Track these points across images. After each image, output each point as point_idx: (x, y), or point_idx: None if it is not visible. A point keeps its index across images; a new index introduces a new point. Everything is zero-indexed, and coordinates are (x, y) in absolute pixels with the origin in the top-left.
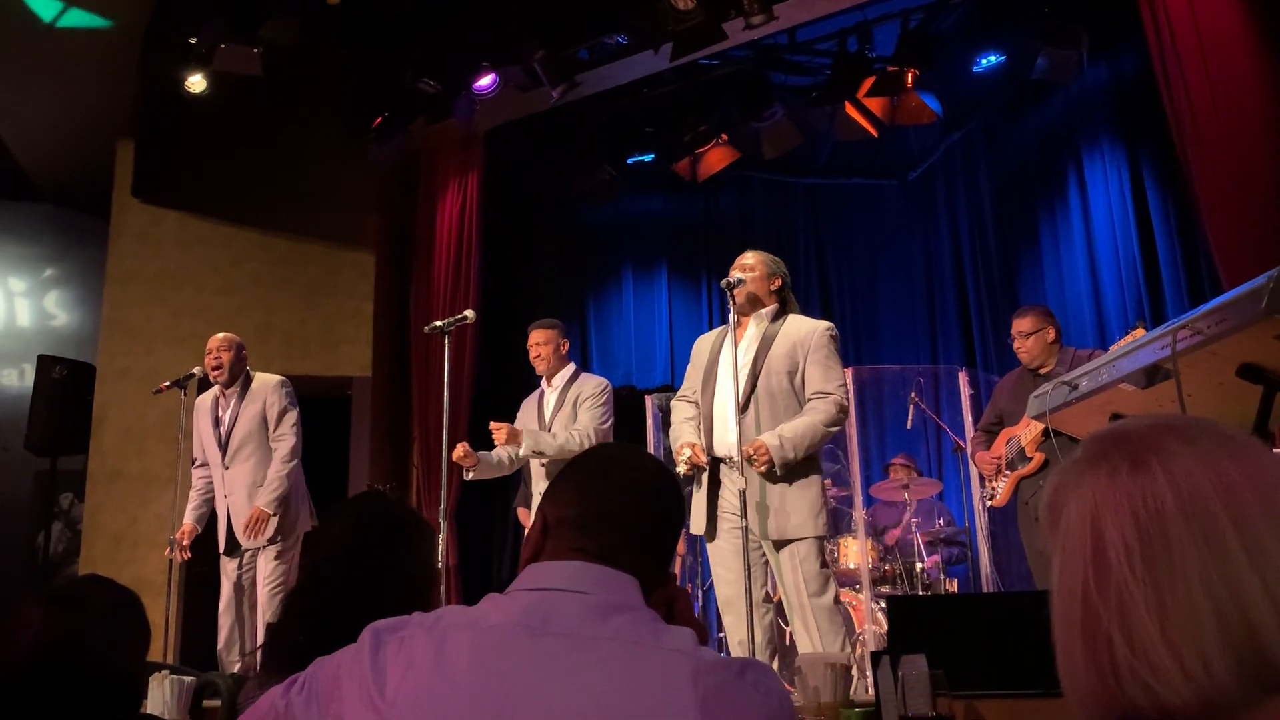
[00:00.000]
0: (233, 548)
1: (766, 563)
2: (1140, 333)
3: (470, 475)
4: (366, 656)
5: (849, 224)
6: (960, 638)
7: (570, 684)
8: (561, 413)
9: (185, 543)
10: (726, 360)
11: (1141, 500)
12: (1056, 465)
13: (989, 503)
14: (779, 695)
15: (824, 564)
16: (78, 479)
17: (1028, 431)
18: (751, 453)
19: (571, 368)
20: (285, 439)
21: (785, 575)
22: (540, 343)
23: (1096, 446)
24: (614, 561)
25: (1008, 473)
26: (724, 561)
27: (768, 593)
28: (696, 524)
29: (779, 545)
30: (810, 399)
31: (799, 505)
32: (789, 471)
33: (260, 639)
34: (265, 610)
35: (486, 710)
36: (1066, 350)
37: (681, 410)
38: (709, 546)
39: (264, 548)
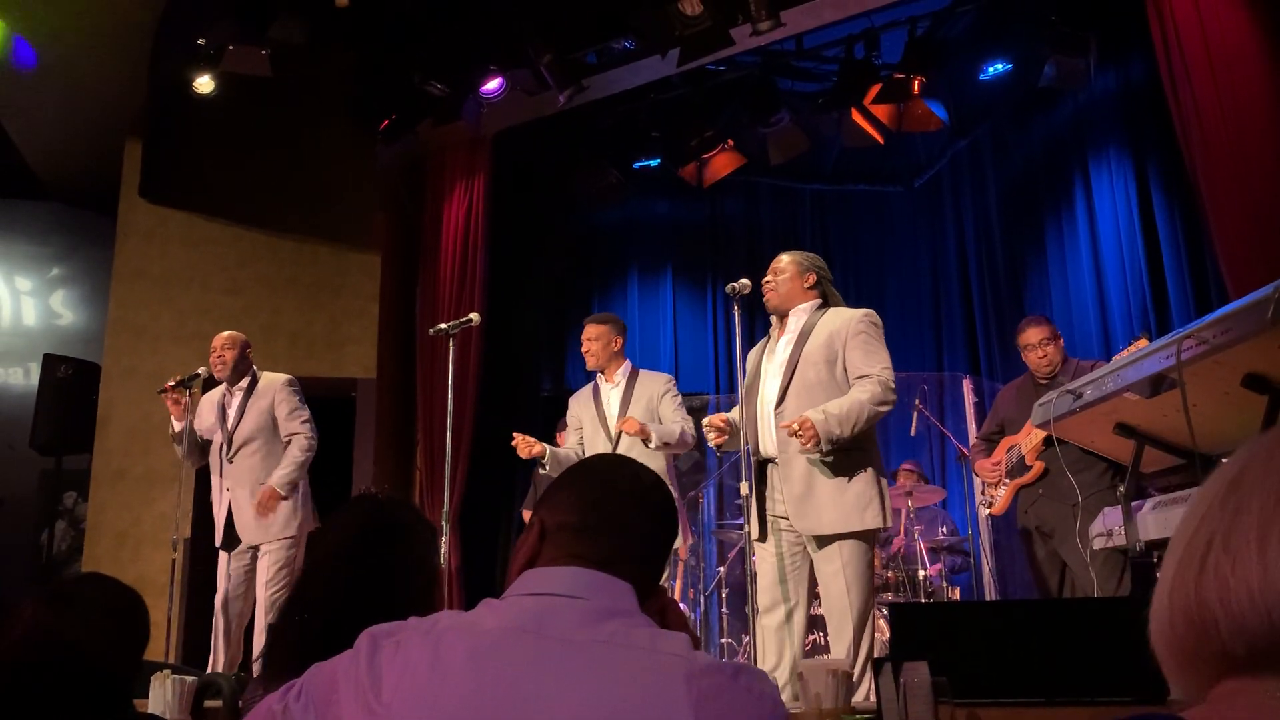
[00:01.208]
0: (231, 543)
1: (811, 567)
2: (1143, 344)
3: (544, 469)
4: (363, 661)
5: (855, 230)
6: (962, 645)
7: (565, 687)
8: (634, 409)
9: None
10: (767, 363)
11: None
12: (1058, 474)
13: (987, 510)
14: (772, 699)
15: (869, 564)
16: (82, 478)
17: (1028, 440)
18: (797, 428)
19: (628, 365)
20: (302, 432)
21: (827, 578)
22: (591, 337)
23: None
24: (612, 567)
25: (1008, 481)
26: (768, 563)
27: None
28: (752, 528)
29: (821, 543)
30: (854, 382)
31: (842, 499)
32: (833, 463)
33: (261, 640)
34: (267, 611)
35: (481, 713)
36: (1070, 360)
37: (733, 410)
38: (758, 548)
39: (265, 546)
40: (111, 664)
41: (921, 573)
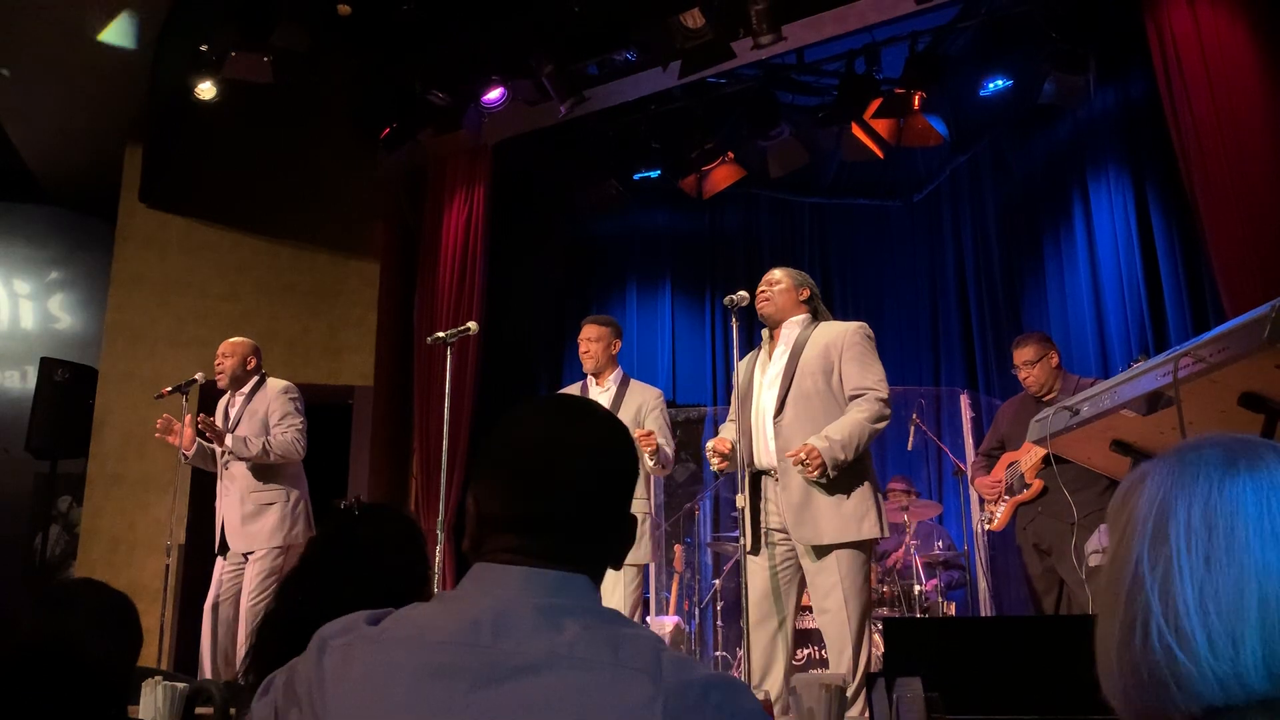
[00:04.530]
0: (224, 548)
1: (801, 581)
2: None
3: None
4: (312, 663)
5: (854, 244)
6: (957, 661)
7: (520, 716)
8: (621, 416)
9: (178, 430)
10: (761, 374)
11: (1219, 490)
12: (1056, 492)
13: (986, 527)
14: (747, 714)
15: (866, 577)
16: (77, 482)
17: (1028, 457)
18: (804, 457)
19: (620, 371)
20: (286, 432)
21: (824, 591)
22: (591, 338)
23: (1185, 447)
24: (558, 557)
25: (1007, 498)
26: (760, 575)
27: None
28: (747, 540)
29: (819, 554)
30: (851, 397)
31: (840, 509)
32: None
33: (240, 649)
34: (247, 623)
35: None
36: (1071, 377)
37: (726, 428)
38: (749, 561)
39: (253, 555)
40: (104, 670)
41: (917, 588)
